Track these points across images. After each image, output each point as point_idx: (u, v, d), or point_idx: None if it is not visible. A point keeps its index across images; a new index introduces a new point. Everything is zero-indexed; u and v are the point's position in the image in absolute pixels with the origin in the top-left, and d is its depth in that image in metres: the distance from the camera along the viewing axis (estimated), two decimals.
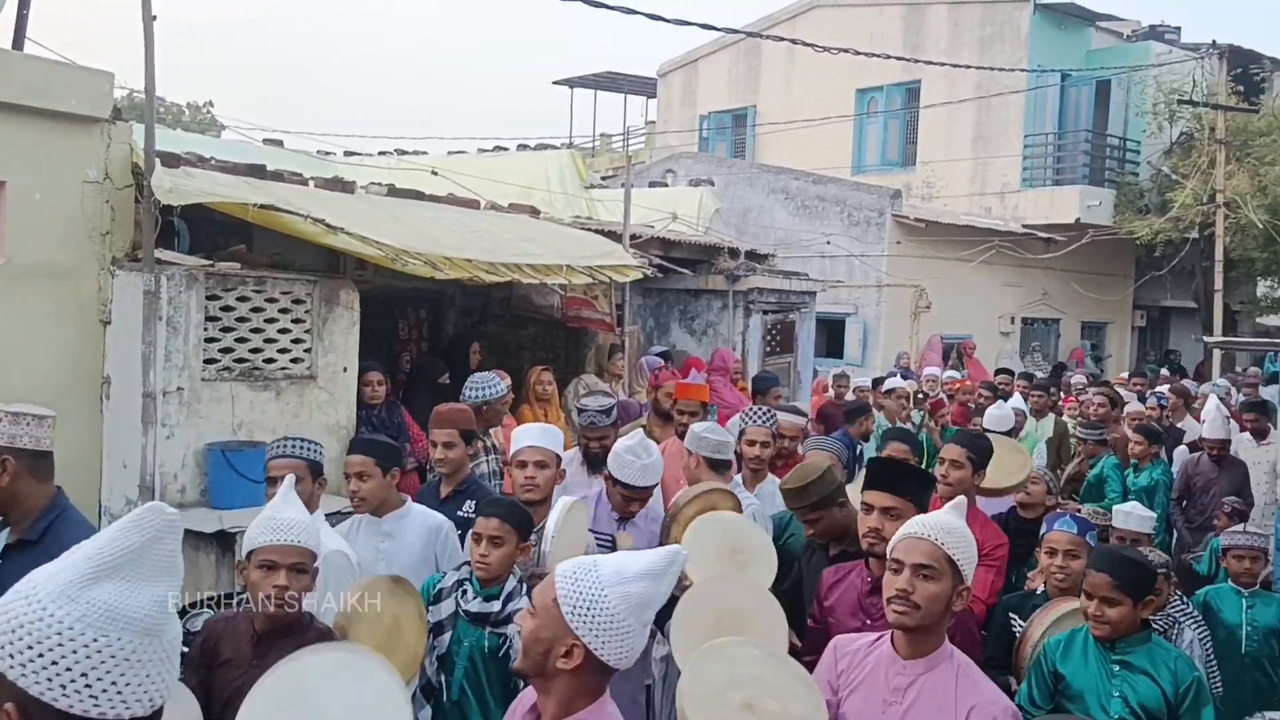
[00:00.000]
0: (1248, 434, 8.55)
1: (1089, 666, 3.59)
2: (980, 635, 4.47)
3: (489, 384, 6.08)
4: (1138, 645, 3.55)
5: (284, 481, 3.32)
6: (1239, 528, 5.64)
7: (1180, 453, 8.62)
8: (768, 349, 11.33)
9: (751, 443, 5.38)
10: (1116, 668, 3.52)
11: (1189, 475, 8.01)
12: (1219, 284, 15.25)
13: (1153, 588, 3.68)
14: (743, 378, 10.17)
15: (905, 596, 2.65)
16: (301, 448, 4.01)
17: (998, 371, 12.31)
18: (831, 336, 16.61)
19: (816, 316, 12.76)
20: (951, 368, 15.02)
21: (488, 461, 5.75)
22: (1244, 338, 17.43)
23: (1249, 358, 20.32)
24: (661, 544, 4.16)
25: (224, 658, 3.12)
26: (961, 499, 2.95)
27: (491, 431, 6.03)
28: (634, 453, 4.42)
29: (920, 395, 11.07)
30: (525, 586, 3.63)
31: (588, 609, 2.06)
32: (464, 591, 3.66)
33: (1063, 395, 11.77)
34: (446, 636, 3.62)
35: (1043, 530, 4.47)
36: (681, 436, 5.57)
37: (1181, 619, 4.61)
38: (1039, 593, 4.30)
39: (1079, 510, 8.30)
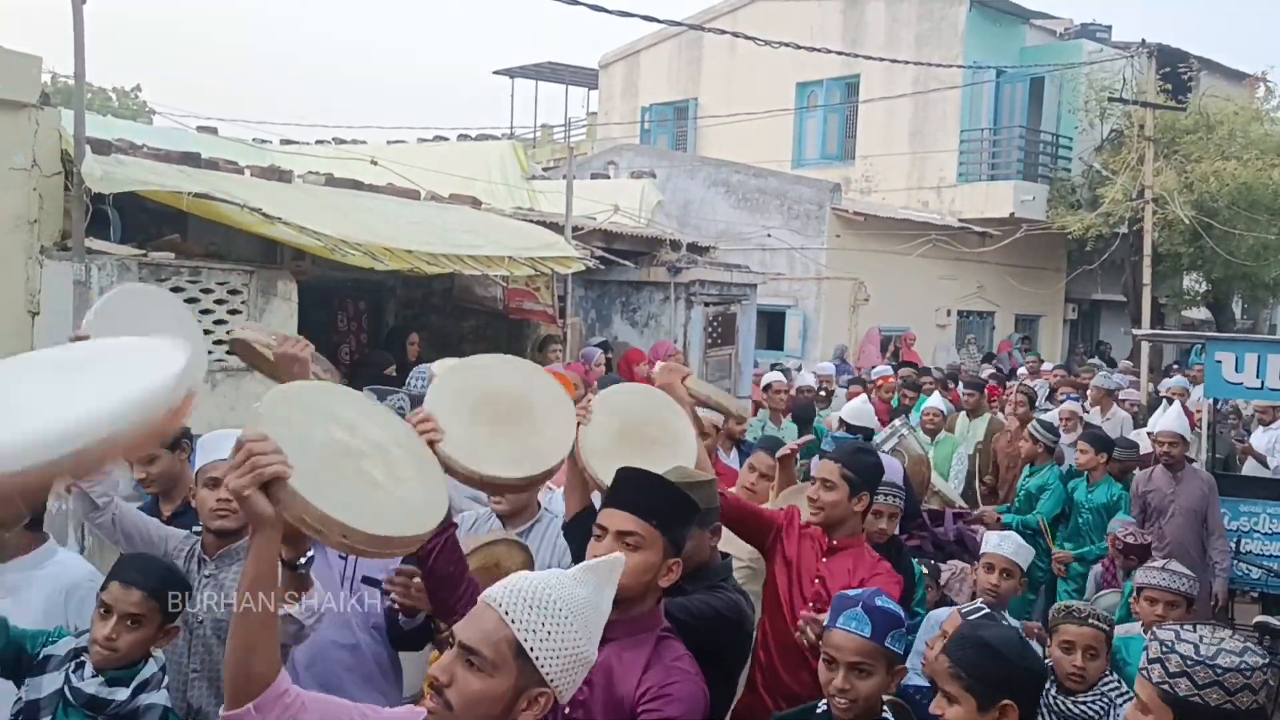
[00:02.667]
0: None
1: None
2: None
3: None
4: None
5: None
6: (1158, 563, 4.41)
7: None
8: (709, 341, 11.37)
9: None
10: None
11: (1142, 494, 6.60)
12: (1147, 278, 15.61)
13: (1018, 690, 2.46)
14: None
15: (440, 688, 1.81)
16: None
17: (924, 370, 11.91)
18: (772, 329, 16.74)
19: (757, 309, 12.83)
20: (890, 360, 15.20)
21: None
22: (1171, 330, 17.86)
23: (1175, 350, 20.91)
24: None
25: None
26: (618, 557, 2.07)
27: None
28: None
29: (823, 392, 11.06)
30: (164, 675, 2.82)
31: None
32: (80, 666, 2.75)
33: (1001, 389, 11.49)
34: None
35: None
36: None
37: (1117, 699, 3.52)
38: (818, 710, 2.86)
39: (996, 520, 6.74)
